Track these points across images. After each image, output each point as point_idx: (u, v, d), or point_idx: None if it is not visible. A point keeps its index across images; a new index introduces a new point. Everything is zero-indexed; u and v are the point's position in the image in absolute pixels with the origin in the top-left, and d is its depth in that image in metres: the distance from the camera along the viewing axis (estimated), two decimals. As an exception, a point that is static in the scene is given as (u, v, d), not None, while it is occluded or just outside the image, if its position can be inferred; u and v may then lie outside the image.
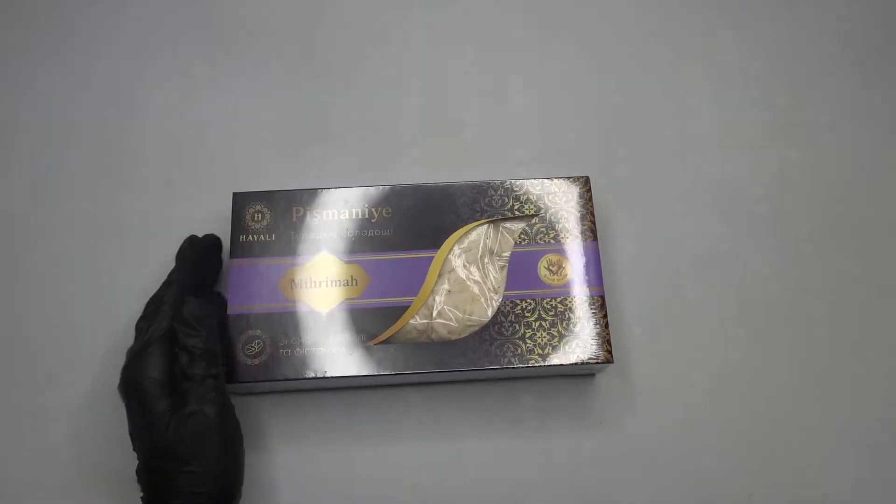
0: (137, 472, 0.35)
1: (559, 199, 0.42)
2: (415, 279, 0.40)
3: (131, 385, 0.35)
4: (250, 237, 0.41)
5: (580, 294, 0.40)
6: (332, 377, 0.38)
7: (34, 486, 0.40)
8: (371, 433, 0.41)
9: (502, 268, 0.41)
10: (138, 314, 0.39)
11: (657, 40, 0.52)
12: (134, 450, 0.35)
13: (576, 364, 0.39)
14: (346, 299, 0.40)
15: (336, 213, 0.42)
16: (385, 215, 0.42)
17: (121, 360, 0.35)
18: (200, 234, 0.42)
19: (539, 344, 0.39)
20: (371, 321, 0.39)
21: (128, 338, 0.45)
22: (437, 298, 0.40)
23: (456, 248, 0.41)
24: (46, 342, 0.43)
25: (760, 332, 0.44)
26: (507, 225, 0.42)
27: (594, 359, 0.39)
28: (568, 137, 0.49)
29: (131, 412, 0.35)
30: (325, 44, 0.51)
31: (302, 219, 0.41)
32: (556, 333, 0.39)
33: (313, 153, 0.48)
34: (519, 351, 0.39)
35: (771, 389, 0.43)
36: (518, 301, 0.40)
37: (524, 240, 0.41)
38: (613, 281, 0.45)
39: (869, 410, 0.43)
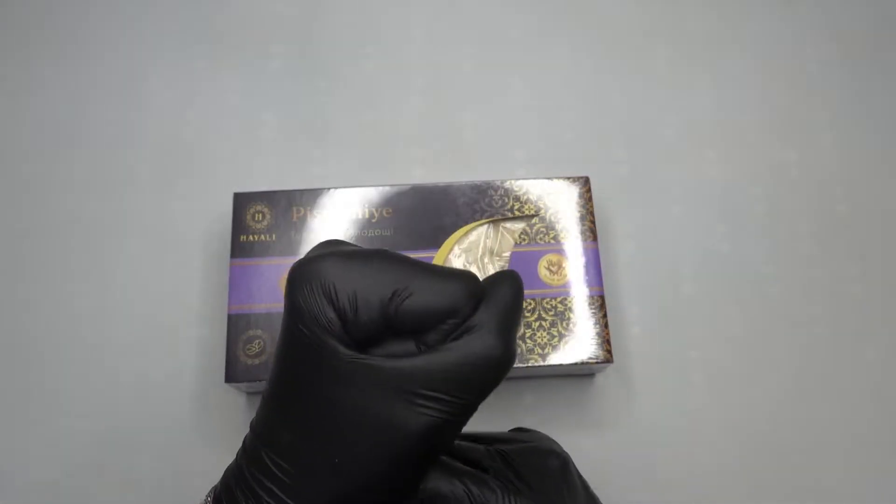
0: None
1: (559, 200, 0.42)
2: (415, 279, 0.40)
3: None
4: (250, 237, 0.41)
5: (580, 294, 0.40)
6: (333, 377, 0.38)
7: (32, 486, 0.41)
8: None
9: (502, 268, 0.41)
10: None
11: (657, 40, 0.52)
12: None
13: (575, 364, 0.39)
14: (347, 299, 0.40)
15: (336, 214, 0.42)
16: (385, 215, 0.42)
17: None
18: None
19: (539, 344, 0.39)
20: (371, 321, 0.39)
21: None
22: (438, 298, 0.40)
23: (456, 248, 0.41)
24: (46, 342, 0.43)
25: (760, 332, 0.44)
26: (507, 225, 0.42)
27: (594, 359, 0.39)
28: (568, 137, 0.49)
29: None
30: (325, 43, 0.51)
31: (302, 219, 0.41)
32: (555, 333, 0.39)
33: (313, 153, 0.48)
34: (519, 351, 0.39)
35: (771, 389, 0.43)
36: (518, 301, 0.40)
37: (524, 240, 0.41)
38: (613, 281, 0.45)
39: (869, 410, 0.43)
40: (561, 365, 0.39)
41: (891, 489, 0.41)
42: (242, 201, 0.42)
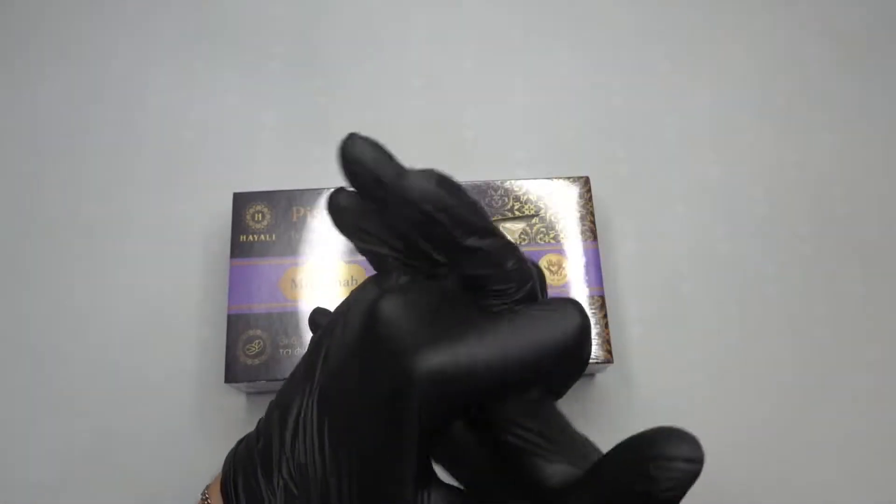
0: None
1: (559, 200, 0.42)
2: (415, 279, 0.40)
3: None
4: (250, 237, 0.41)
5: (580, 294, 0.40)
6: (333, 377, 0.38)
7: (32, 486, 0.41)
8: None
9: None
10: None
11: (657, 40, 0.52)
12: None
13: (576, 364, 0.39)
14: (347, 299, 0.40)
15: (336, 213, 0.42)
16: (385, 215, 0.42)
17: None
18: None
19: (539, 344, 0.39)
20: (371, 321, 0.39)
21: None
22: (438, 298, 0.40)
23: (456, 248, 0.41)
24: (46, 342, 0.43)
25: (760, 332, 0.44)
26: (508, 225, 0.42)
27: (594, 359, 0.39)
28: (568, 137, 0.49)
29: None
30: (325, 44, 0.51)
31: (302, 219, 0.41)
32: (556, 333, 0.39)
33: (313, 153, 0.48)
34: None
35: (771, 389, 0.43)
36: (518, 301, 0.40)
37: (524, 240, 0.41)
38: (613, 281, 0.45)
39: (869, 410, 0.43)
40: (561, 365, 0.39)
41: (890, 489, 0.41)
42: (242, 201, 0.42)
